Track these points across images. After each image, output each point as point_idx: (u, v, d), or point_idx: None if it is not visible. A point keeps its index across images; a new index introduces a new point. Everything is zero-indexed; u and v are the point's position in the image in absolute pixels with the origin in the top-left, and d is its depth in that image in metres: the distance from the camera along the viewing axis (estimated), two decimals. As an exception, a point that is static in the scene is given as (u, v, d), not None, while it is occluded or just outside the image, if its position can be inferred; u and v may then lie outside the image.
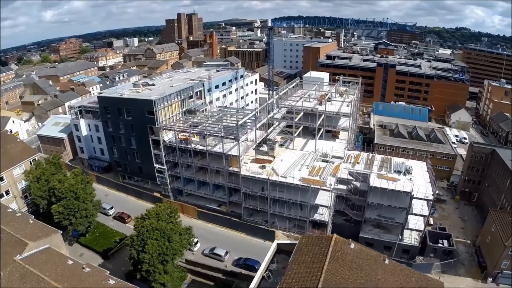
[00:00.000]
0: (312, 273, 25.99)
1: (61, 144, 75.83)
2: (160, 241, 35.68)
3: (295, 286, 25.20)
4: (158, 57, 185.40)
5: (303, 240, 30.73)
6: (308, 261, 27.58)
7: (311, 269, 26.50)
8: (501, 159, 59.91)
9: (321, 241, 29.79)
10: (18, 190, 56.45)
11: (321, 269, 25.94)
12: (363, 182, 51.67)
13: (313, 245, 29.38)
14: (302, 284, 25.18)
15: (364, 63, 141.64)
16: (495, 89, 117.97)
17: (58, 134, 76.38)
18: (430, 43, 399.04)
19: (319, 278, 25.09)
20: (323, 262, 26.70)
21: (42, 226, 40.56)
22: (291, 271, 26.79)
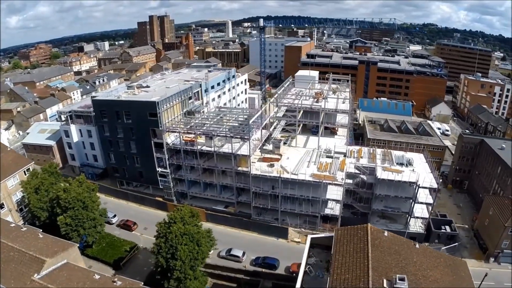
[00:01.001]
0: (359, 262, 27.31)
1: (50, 152, 72.76)
2: (189, 246, 35.43)
3: (346, 275, 26.34)
4: (135, 60, 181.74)
5: (339, 232, 32.00)
6: (351, 251, 28.88)
7: (357, 258, 27.81)
8: (490, 148, 64.51)
9: (358, 231, 31.20)
10: (13, 203, 53.53)
11: (367, 257, 27.32)
12: (370, 175, 53.89)
13: (350, 236, 30.73)
14: (352, 273, 26.40)
15: (345, 61, 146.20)
16: (472, 82, 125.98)
17: (46, 141, 73.18)
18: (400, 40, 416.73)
19: (368, 265, 26.46)
20: (366, 251, 28.09)
21: (55, 240, 38.54)
22: (337, 261, 27.96)
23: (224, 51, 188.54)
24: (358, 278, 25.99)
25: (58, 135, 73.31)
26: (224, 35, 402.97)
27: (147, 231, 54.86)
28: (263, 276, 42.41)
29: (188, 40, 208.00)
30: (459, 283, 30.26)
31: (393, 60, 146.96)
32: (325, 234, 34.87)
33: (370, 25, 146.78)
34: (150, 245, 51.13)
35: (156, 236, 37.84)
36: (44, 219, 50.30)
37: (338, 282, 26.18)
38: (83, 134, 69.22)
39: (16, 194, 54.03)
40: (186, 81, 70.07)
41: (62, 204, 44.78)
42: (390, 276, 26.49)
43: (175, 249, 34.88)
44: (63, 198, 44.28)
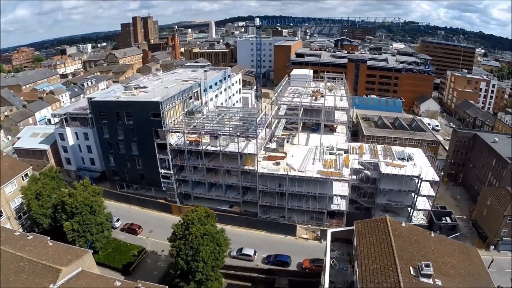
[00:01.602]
0: (384, 252, 28.44)
1: (43, 156, 71.01)
2: (210, 246, 35.38)
3: (374, 265, 27.33)
4: (121, 62, 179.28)
5: (359, 225, 33.15)
6: (374, 242, 30.01)
7: (381, 248, 28.94)
8: (484, 141, 67.40)
9: (377, 223, 32.43)
10: (12, 210, 51.94)
11: (391, 247, 28.50)
12: (373, 170, 55.42)
13: (371, 228, 31.88)
14: (379, 263, 27.43)
15: (335, 60, 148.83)
16: (458, 78, 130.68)
17: (39, 145, 71.36)
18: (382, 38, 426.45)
19: (393, 255, 27.61)
20: (389, 241, 29.27)
21: (66, 247, 37.21)
22: (363, 253, 28.97)
23: (212, 51, 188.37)
24: (386, 268, 27.06)
25: (52, 138, 71.69)
26: (208, 36, 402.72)
27: (153, 234, 54.71)
28: (278, 274, 42.94)
29: (174, 41, 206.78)
30: (474, 268, 31.91)
31: (381, 58, 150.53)
32: (344, 228, 35.77)
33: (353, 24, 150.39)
34: (157, 248, 51.69)
35: (173, 238, 37.34)
36: (46, 226, 49.13)
37: (367, 272, 27.14)
38: (79, 137, 67.94)
39: (14, 201, 52.50)
40: (184, 81, 69.92)
41: (68, 210, 43.66)
42: (415, 264, 27.75)
43: (196, 250, 34.68)
44: (69, 203, 43.16)
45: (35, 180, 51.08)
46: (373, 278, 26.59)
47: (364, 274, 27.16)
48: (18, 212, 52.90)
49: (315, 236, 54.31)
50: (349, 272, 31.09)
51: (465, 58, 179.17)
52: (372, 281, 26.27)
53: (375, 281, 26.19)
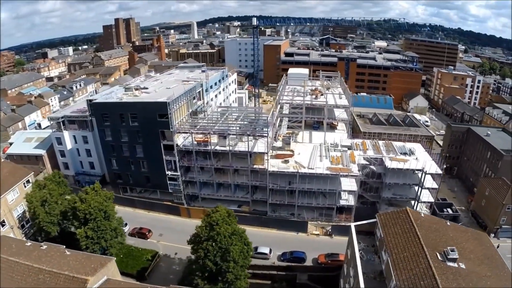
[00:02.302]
0: (410, 240, 30.30)
1: (39, 162, 69.37)
2: (239, 245, 35.77)
3: (404, 253, 29.00)
4: (107, 64, 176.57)
5: (381, 217, 34.89)
6: (400, 233, 31.79)
7: (407, 237, 30.76)
8: (478, 135, 71.11)
9: (399, 215, 34.27)
10: (14, 219, 50.18)
11: (417, 236, 30.39)
12: (379, 165, 57.55)
13: (394, 219, 33.66)
14: (409, 251, 29.15)
15: (324, 58, 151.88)
16: (445, 75, 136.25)
17: (34, 150, 69.58)
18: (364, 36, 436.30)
19: (421, 243, 29.47)
20: (414, 231, 31.11)
21: (86, 255, 36.54)
22: (391, 243, 30.67)
23: (199, 52, 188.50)
24: (416, 255, 28.85)
25: (48, 143, 70.19)
26: (190, 37, 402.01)
27: (163, 238, 54.63)
28: (296, 270, 44.15)
29: (159, 42, 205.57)
30: (488, 252, 34.29)
31: (369, 57, 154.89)
32: (367, 221, 37.35)
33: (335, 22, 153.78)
34: (170, 251, 51.81)
35: (197, 240, 37.34)
36: (54, 234, 48.13)
37: (398, 260, 28.80)
38: (78, 141, 66.85)
39: (16, 209, 50.84)
40: (185, 82, 70.08)
41: (80, 216, 42.66)
42: (440, 250, 29.71)
43: (225, 250, 34.88)
44: (82, 209, 42.16)
45: (39, 186, 50.00)
46: (405, 265, 28.28)
47: (396, 262, 28.80)
48: (21, 220, 51.45)
49: (325, 231, 55.90)
50: (376, 262, 32.63)
51: (449, 55, 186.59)
52: (405, 268, 27.95)
53: (408, 267, 27.87)
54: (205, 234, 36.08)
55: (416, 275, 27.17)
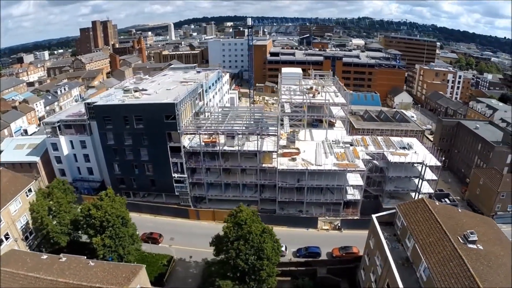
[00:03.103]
0: (433, 227, 32.88)
1: (33, 169, 67.47)
2: (270, 243, 36.44)
3: (429, 239, 31.35)
4: (88, 67, 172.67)
5: (401, 207, 37.28)
6: (421, 220, 34.23)
7: (429, 224, 33.38)
8: (468, 128, 75.81)
9: (417, 204, 36.80)
10: (18, 231, 47.84)
11: (438, 222, 33.03)
12: (381, 160, 60.39)
13: (413, 209, 36.24)
14: (433, 236, 31.59)
15: (310, 57, 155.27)
16: (427, 71, 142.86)
17: (28, 158, 67.40)
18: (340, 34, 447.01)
19: (443, 228, 32.04)
20: (434, 218, 33.70)
21: (113, 265, 35.69)
22: (415, 230, 33.16)
23: (182, 53, 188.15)
24: (440, 240, 31.27)
25: (42, 149, 68.40)
26: (167, 39, 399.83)
27: (175, 241, 54.62)
28: (314, 265, 45.88)
29: (140, 44, 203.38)
30: (497, 235, 37.17)
31: (353, 55, 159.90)
32: (386, 213, 39.60)
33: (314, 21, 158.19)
34: (184, 255, 51.94)
35: (225, 241, 37.64)
36: (64, 244, 46.62)
37: (425, 245, 31.15)
38: (75, 146, 65.59)
39: (20, 220, 48.39)
40: (184, 82, 70.42)
41: (96, 224, 41.78)
42: (460, 234, 32.22)
43: (258, 249, 35.48)
44: (99, 217, 41.32)
45: (44, 194, 48.36)
46: (433, 249, 30.64)
47: (423, 247, 31.11)
48: (25, 232, 48.95)
49: (333, 226, 58.09)
50: (400, 249, 34.84)
51: (428, 51, 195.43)
52: (433, 252, 30.31)
53: (435, 251, 30.22)
54: (233, 234, 36.61)
55: (444, 257, 29.55)
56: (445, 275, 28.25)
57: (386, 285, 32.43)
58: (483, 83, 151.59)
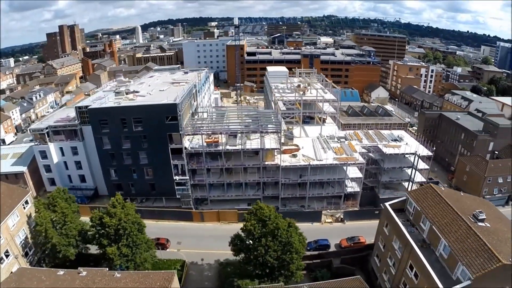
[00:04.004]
0: (445, 210, 36.04)
1: (20, 180, 64.57)
2: (296, 236, 37.49)
3: (444, 220, 34.22)
4: (59, 72, 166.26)
5: (411, 194, 40.15)
6: (432, 205, 37.22)
7: (441, 207, 36.61)
8: (450, 119, 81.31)
9: (426, 190, 39.99)
10: (18, 247, 45.09)
11: (449, 205, 36.26)
12: (377, 152, 63.63)
13: (422, 195, 39.45)
14: (447, 218, 34.59)
15: (288, 56, 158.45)
16: (401, 67, 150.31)
17: (13, 168, 64.26)
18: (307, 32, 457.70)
19: (455, 211, 35.17)
20: (445, 201, 36.86)
21: (143, 274, 34.83)
22: (429, 214, 36.06)
23: (157, 55, 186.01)
24: (454, 220, 34.33)
25: (28, 158, 65.83)
26: (135, 42, 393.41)
27: (183, 245, 54.21)
28: (329, 256, 47.87)
29: (112, 47, 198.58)
30: (497, 215, 40.81)
31: (329, 53, 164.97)
32: (396, 200, 42.23)
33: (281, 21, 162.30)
34: (195, 258, 51.68)
35: (251, 239, 38.53)
36: (73, 257, 44.58)
37: (442, 226, 34.11)
38: (66, 153, 63.61)
39: (18, 235, 45.46)
40: (176, 83, 70.35)
41: (110, 233, 40.05)
42: (469, 214, 35.26)
43: (286, 243, 36.40)
44: (113, 225, 39.89)
45: (45, 205, 45.83)
46: (449, 229, 33.64)
47: (441, 228, 33.93)
48: (24, 247, 46.16)
49: (335, 219, 60.49)
50: (416, 233, 37.48)
51: (398, 47, 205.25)
52: (450, 231, 33.27)
53: (452, 230, 33.12)
54: (258, 232, 37.37)
55: (461, 235, 32.52)
56: (465, 250, 31.21)
57: (409, 266, 34.87)
58: (453, 76, 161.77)
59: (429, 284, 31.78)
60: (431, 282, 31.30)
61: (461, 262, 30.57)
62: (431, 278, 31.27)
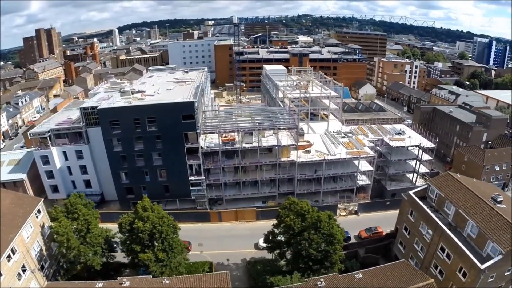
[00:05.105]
0: (467, 194, 39.53)
1: (19, 188, 62.07)
2: (336, 228, 38.55)
3: (467, 204, 37.48)
4: (41, 77, 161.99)
5: (433, 181, 43.17)
6: (454, 191, 40.73)
7: (462, 193, 40.17)
8: (444, 113, 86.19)
9: (446, 178, 43.50)
10: (34, 260, 42.22)
11: (469, 190, 39.79)
12: (384, 146, 66.77)
13: (444, 182, 42.96)
14: (470, 201, 38.16)
15: (277, 55, 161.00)
16: (386, 63, 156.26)
17: (12, 176, 62.13)
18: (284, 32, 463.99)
19: (476, 194, 38.75)
20: (465, 187, 40.26)
21: (195, 277, 34.45)
22: (454, 199, 39.49)
23: (141, 57, 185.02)
24: (477, 203, 37.84)
25: (26, 164, 63.75)
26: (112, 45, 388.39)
27: (205, 247, 54.35)
28: (354, 247, 50.15)
29: (93, 50, 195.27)
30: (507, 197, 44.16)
31: (316, 51, 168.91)
32: (419, 188, 45.11)
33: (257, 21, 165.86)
34: (220, 259, 51.76)
35: (291, 234, 39.58)
36: (99, 268, 42.94)
37: (467, 209, 37.39)
38: (69, 157, 62.13)
39: (33, 247, 42.71)
40: (181, 82, 70.84)
41: (144, 238, 39.09)
42: (487, 197, 38.40)
43: (329, 235, 37.64)
44: (148, 229, 38.58)
45: (65, 213, 43.39)
46: (474, 211, 36.85)
47: (467, 211, 37.07)
48: (40, 260, 43.46)
49: (348, 211, 63.03)
50: (440, 217, 40.31)
51: (380, 45, 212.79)
52: (475, 213, 36.50)
53: (477, 212, 36.33)
54: (298, 226, 38.78)
55: (487, 216, 35.83)
56: (492, 229, 34.47)
57: (440, 248, 37.57)
58: (434, 71, 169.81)
59: (463, 263, 34.59)
60: (466, 260, 34.22)
61: (491, 239, 33.71)
62: (465, 256, 34.23)
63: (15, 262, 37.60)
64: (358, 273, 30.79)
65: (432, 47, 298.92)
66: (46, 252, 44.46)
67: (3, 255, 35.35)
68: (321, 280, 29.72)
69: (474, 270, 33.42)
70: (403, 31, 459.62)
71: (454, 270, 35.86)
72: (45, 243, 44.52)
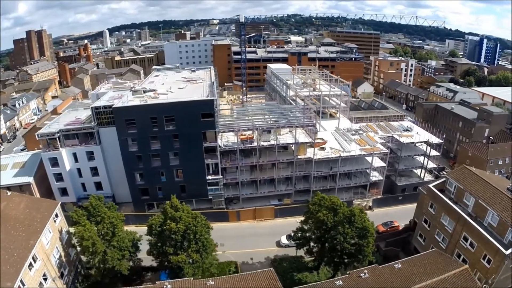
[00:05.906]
0: (485, 186, 42.13)
1: (25, 192, 60.33)
2: (367, 222, 40.06)
3: (487, 195, 40.08)
4: (35, 79, 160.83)
5: (451, 175, 45.34)
6: (472, 183, 43.25)
7: (480, 184, 42.76)
8: (447, 110, 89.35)
9: (462, 171, 46.14)
10: (54, 268, 40.43)
11: (487, 182, 42.25)
12: (394, 142, 69.08)
13: (462, 175, 45.53)
14: (489, 192, 40.72)
15: (275, 54, 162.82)
16: (382, 62, 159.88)
17: (18, 179, 60.49)
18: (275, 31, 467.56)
19: (494, 186, 41.40)
20: (482, 179, 43.02)
21: (240, 277, 33.97)
22: (473, 190, 41.87)
23: (137, 57, 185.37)
24: (495, 194, 40.53)
25: (32, 167, 62.20)
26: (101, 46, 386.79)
27: (227, 247, 54.52)
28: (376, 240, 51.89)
29: (87, 51, 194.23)
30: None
31: (313, 50, 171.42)
32: (437, 182, 47.38)
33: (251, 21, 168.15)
34: (244, 258, 52.14)
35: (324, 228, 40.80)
36: (126, 273, 41.99)
37: (486, 199, 40.17)
38: (80, 159, 61.43)
39: (53, 254, 40.98)
40: (193, 81, 71.85)
41: (177, 239, 38.47)
42: (504, 188, 40.77)
43: (362, 228, 39.23)
44: (181, 230, 38.04)
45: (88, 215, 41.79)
46: (494, 201, 39.45)
47: (486, 201, 39.60)
48: (60, 267, 41.63)
49: (362, 207, 64.90)
50: (460, 208, 42.59)
51: (374, 43, 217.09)
52: (495, 203, 39.11)
53: (497, 202, 38.88)
54: (330, 221, 40.23)
55: (506, 205, 38.55)
56: (513, 217, 36.58)
57: (463, 238, 39.77)
58: (428, 69, 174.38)
59: (487, 250, 36.84)
60: (490, 247, 36.54)
61: (511, 225, 35.93)
62: (490, 244, 36.60)
63: (37, 270, 36.14)
64: (397, 263, 32.50)
65: (423, 46, 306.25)
66: (65, 259, 43.45)
67: (25, 263, 33.81)
68: (364, 272, 31.28)
69: (499, 256, 35.72)
70: (392, 30, 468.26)
71: (479, 258, 38.16)
72: (64, 248, 43.49)
